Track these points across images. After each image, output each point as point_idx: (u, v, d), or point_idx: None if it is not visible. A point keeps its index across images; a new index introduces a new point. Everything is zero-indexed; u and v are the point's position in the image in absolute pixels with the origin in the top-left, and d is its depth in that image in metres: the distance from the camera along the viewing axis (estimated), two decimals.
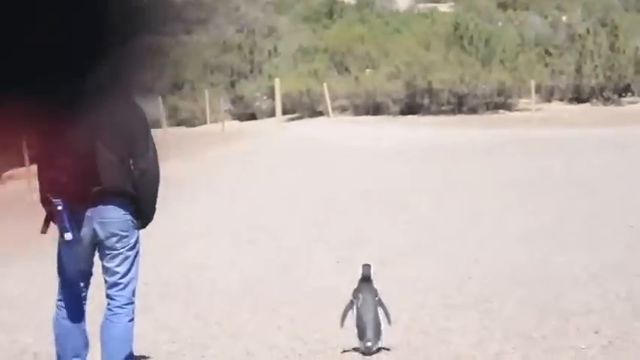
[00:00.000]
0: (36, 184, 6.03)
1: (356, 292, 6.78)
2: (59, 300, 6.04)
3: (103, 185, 5.67)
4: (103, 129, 5.69)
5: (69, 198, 5.63)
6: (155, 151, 5.91)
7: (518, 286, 8.42)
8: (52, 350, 7.01)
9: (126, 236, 5.86)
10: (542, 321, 7.10)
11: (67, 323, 5.98)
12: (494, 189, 16.17)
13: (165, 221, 14.21)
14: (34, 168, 6.39)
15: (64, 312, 6.00)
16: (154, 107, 35.22)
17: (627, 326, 6.80)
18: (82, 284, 5.99)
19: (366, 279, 6.83)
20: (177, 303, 8.78)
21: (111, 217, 5.76)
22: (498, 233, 11.69)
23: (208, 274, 10.21)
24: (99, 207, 5.71)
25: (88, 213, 5.71)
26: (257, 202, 16.19)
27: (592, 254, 9.83)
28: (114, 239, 5.82)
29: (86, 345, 6.03)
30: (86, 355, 6.06)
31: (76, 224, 5.67)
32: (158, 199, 5.92)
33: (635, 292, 7.90)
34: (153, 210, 5.99)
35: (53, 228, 5.84)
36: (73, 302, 5.98)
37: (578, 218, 12.53)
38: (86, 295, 6.04)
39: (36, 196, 6.09)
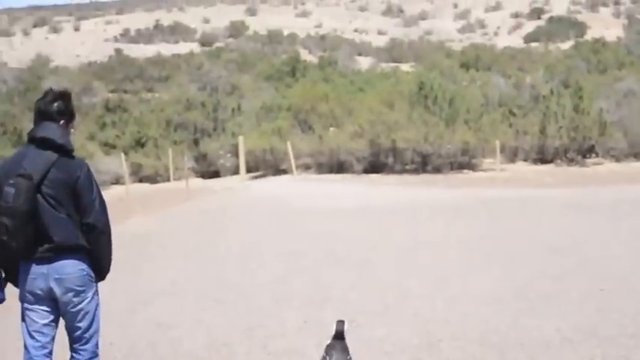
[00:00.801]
0: None
1: (328, 348, 6.73)
2: (27, 356, 6.10)
3: (55, 242, 5.86)
4: (48, 186, 5.87)
5: (16, 257, 5.87)
6: (103, 203, 6.13)
7: (490, 350, 8.28)
8: None
9: (83, 290, 6.01)
10: None
11: None
12: (460, 249, 16.07)
13: (129, 279, 14.10)
14: None
15: None
16: (118, 164, 35.04)
17: None
18: (45, 339, 6.07)
19: (339, 336, 6.75)
20: None
21: (67, 273, 5.92)
22: (466, 294, 11.57)
23: (173, 333, 9.99)
24: (55, 263, 5.90)
25: (43, 269, 5.89)
26: (222, 259, 15.98)
27: (563, 318, 9.72)
28: (70, 294, 5.97)
29: None
30: None
31: (29, 282, 5.89)
32: (118, 255, 6.11)
33: (610, 358, 7.77)
34: (109, 262, 6.15)
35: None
36: (37, 358, 6.07)
37: (547, 280, 12.43)
38: (51, 351, 6.12)
39: None
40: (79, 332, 6.10)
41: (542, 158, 40.88)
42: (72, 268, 5.95)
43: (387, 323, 9.91)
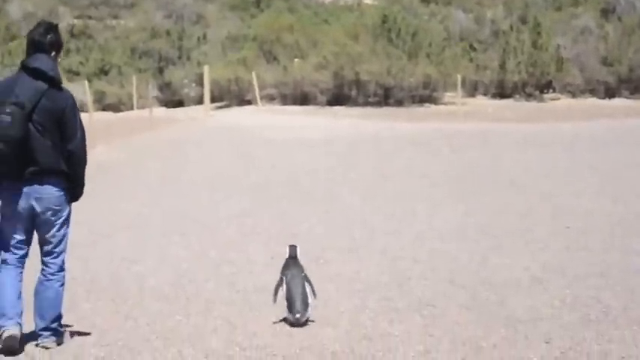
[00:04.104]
0: None
1: (284, 269, 7.31)
2: (1, 261, 6.64)
3: (39, 166, 6.39)
4: (38, 115, 6.34)
5: (2, 177, 6.41)
6: (83, 133, 6.63)
7: (461, 290, 8.17)
8: None
9: (59, 210, 6.58)
10: (489, 329, 6.83)
11: (4, 279, 6.58)
12: (424, 183, 16.06)
13: (91, 211, 13.86)
14: None
15: (3, 270, 6.60)
16: (81, 91, 34.53)
17: (578, 336, 6.56)
18: (21, 251, 6.63)
19: (292, 257, 7.37)
20: (105, 300, 8.36)
21: (47, 194, 6.48)
22: (433, 230, 11.52)
23: (137, 268, 9.81)
24: (37, 185, 6.45)
25: (25, 189, 6.44)
26: (187, 191, 15.83)
27: (532, 256, 9.66)
28: (49, 213, 6.54)
29: (19, 297, 6.59)
30: (21, 309, 6.57)
31: (10, 199, 6.45)
32: (86, 186, 6.70)
33: (580, 299, 7.71)
34: (82, 186, 6.70)
35: None
36: (11, 262, 6.62)
37: (513, 217, 12.42)
38: (25, 255, 6.68)
39: None
40: (50, 247, 6.62)
41: (502, 93, 41.05)
42: (52, 189, 6.48)
43: (355, 260, 9.79)
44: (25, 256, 6.71)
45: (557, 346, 6.36)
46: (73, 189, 6.63)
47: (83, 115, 7.38)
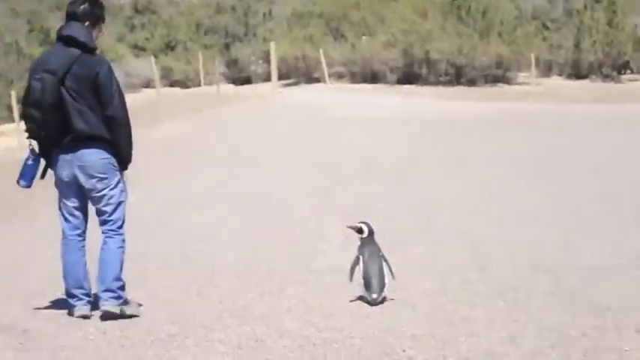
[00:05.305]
0: (26, 141, 6.78)
1: (360, 248, 7.12)
2: (62, 236, 6.74)
3: (77, 132, 6.42)
4: (70, 80, 6.40)
5: (44, 145, 6.56)
6: (123, 99, 6.59)
7: (544, 274, 7.81)
8: (43, 327, 6.51)
9: (105, 177, 6.56)
10: (576, 316, 6.48)
11: (68, 257, 6.68)
12: (501, 165, 15.62)
13: (160, 187, 13.77)
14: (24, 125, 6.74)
15: (65, 247, 6.71)
16: (148, 67, 34.59)
17: None
18: (77, 221, 6.70)
19: (369, 236, 7.18)
20: (177, 277, 8.21)
21: (89, 161, 6.49)
22: (513, 213, 11.10)
23: (208, 245, 9.67)
24: (78, 152, 6.47)
25: (68, 157, 6.50)
26: (256, 168, 15.63)
27: (619, 242, 9.19)
28: (94, 180, 6.54)
29: (86, 277, 6.72)
30: (89, 287, 6.73)
31: (58, 169, 6.56)
32: (149, 161, 6.59)
33: None
34: (129, 151, 6.66)
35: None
36: (71, 238, 6.70)
37: (597, 200, 11.91)
38: (84, 231, 6.77)
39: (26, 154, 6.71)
40: (104, 216, 6.65)
41: (577, 73, 40.17)
42: (93, 157, 6.49)
43: (431, 242, 9.49)
44: (84, 231, 6.79)
45: None
46: (119, 155, 6.62)
47: (150, 91, 7.31)
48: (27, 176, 6.65)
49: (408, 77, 37.78)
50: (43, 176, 6.71)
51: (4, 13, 46.86)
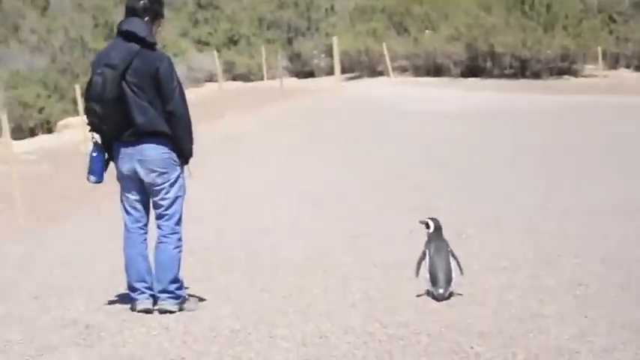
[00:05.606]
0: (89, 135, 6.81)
1: (428, 242, 7.04)
2: (125, 229, 6.77)
3: (138, 127, 6.46)
4: (131, 75, 6.44)
5: (106, 139, 6.61)
6: (183, 94, 6.63)
7: (615, 269, 7.61)
8: (106, 322, 6.49)
9: (165, 172, 6.59)
10: None
11: (130, 251, 6.73)
12: (569, 156, 15.36)
13: (222, 181, 13.74)
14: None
15: (127, 240, 6.75)
16: (211, 61, 34.64)
17: None
18: (138, 214, 6.75)
19: (436, 231, 7.08)
20: (240, 272, 8.14)
21: (149, 155, 6.54)
22: (581, 206, 10.84)
23: (271, 240, 9.60)
24: (138, 146, 6.52)
25: (129, 150, 6.55)
26: (321, 162, 15.55)
27: None
28: (153, 175, 6.58)
29: (148, 271, 6.72)
30: (151, 281, 6.70)
31: (120, 162, 6.61)
32: (212, 154, 6.57)
33: None
34: (190, 146, 6.68)
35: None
36: (133, 230, 6.75)
37: None
38: (146, 224, 6.80)
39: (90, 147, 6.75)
40: (161, 209, 6.68)
41: None
42: (153, 151, 6.54)
43: (498, 236, 9.30)
44: (146, 224, 6.82)
45: None
46: (180, 150, 6.64)
47: (213, 85, 7.25)
48: (96, 171, 6.68)
49: (472, 70, 37.51)
50: (105, 169, 6.75)
51: (70, 8, 47.38)
